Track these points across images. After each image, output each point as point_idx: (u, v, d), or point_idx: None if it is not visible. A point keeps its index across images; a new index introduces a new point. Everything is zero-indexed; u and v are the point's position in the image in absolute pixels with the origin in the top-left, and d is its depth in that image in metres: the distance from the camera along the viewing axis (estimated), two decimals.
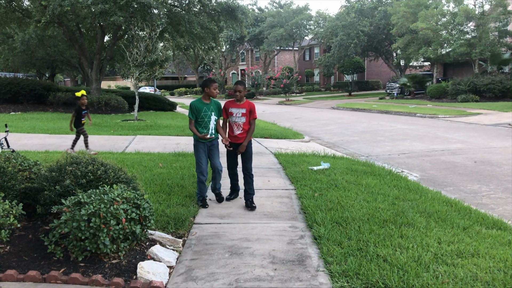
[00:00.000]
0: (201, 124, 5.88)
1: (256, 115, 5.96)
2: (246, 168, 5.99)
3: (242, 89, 5.80)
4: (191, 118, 5.87)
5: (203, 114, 5.82)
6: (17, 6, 22.79)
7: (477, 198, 7.03)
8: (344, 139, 14.50)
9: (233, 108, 5.89)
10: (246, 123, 5.89)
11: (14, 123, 15.69)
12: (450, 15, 32.20)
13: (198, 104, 5.86)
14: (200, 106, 5.83)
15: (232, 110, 5.90)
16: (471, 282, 3.64)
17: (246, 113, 5.86)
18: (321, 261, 4.15)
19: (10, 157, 5.34)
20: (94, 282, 3.63)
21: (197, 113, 5.83)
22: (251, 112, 5.90)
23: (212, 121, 5.88)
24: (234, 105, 5.91)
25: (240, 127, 5.89)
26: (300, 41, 54.30)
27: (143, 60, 18.52)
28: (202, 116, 5.83)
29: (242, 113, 5.86)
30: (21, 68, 35.01)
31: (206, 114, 5.84)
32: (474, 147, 11.88)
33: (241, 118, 5.86)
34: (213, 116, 5.89)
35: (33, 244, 4.28)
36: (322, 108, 31.20)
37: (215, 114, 5.93)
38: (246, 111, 5.87)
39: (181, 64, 73.07)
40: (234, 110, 5.89)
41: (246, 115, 5.87)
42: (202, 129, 5.87)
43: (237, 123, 5.88)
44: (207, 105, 5.85)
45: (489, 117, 19.79)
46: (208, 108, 5.84)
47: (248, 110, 5.88)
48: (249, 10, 28.71)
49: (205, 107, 5.83)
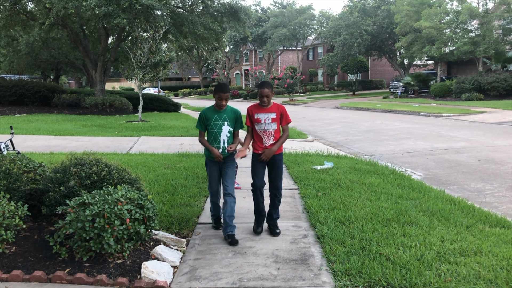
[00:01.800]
0: (209, 136, 4.88)
1: (290, 119, 4.93)
2: (276, 187, 4.95)
3: (269, 93, 4.78)
4: (200, 130, 4.92)
5: (213, 123, 4.81)
6: (21, 8, 22.92)
7: (481, 196, 7.02)
8: (347, 138, 14.50)
9: (260, 114, 4.81)
10: (278, 130, 4.89)
11: (19, 125, 15.79)
12: (453, 14, 32.10)
13: (207, 111, 4.92)
14: (209, 114, 4.86)
15: (259, 116, 4.81)
16: (474, 280, 3.65)
17: (277, 118, 4.82)
18: (324, 260, 4.17)
19: (16, 159, 5.39)
20: (99, 282, 3.67)
21: (206, 122, 4.86)
22: (282, 117, 4.86)
23: (224, 133, 4.82)
24: (261, 110, 4.84)
25: (272, 136, 4.83)
26: (303, 41, 54.29)
27: (147, 61, 18.60)
28: (211, 126, 4.82)
29: (273, 119, 4.80)
30: (26, 71, 35.18)
31: (216, 124, 4.80)
32: (478, 145, 11.85)
33: (271, 125, 4.83)
34: (226, 127, 4.81)
35: (39, 245, 4.32)
36: (326, 107, 31.18)
37: (229, 124, 4.83)
38: (277, 116, 4.83)
39: (184, 65, 73.24)
40: (262, 116, 4.80)
41: (277, 120, 4.83)
42: (211, 142, 4.85)
43: (267, 131, 4.82)
44: (218, 113, 4.83)
45: (494, 115, 19.73)
46: (219, 117, 4.81)
47: (279, 114, 4.84)
48: (252, 11, 28.74)
49: (216, 115, 4.82)
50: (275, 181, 4.95)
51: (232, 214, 4.75)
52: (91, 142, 12.00)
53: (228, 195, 4.78)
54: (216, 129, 4.80)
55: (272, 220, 5.04)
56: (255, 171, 4.90)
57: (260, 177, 4.89)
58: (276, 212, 5.04)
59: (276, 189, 4.97)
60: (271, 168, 4.92)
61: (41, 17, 20.45)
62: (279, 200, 5.01)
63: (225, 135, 4.82)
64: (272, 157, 4.83)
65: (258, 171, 4.89)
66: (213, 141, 4.83)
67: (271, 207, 5.01)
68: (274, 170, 4.91)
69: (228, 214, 4.73)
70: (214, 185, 4.99)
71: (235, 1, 23.74)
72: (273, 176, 4.94)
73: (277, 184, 4.97)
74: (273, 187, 4.96)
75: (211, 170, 4.95)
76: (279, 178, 4.95)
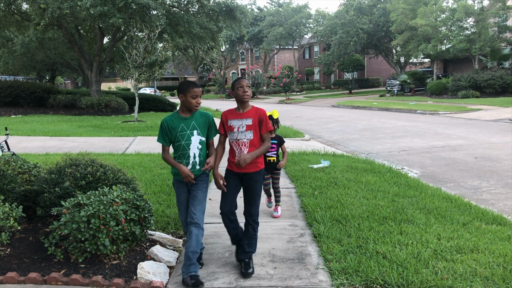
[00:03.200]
0: (176, 151, 3.87)
1: (271, 126, 4.01)
2: (249, 213, 3.99)
3: (247, 87, 3.87)
4: (163, 144, 3.89)
5: (179, 135, 3.80)
6: (16, 9, 22.85)
7: (478, 193, 7.03)
8: (344, 137, 14.50)
9: (234, 120, 3.88)
10: (256, 141, 3.87)
11: (14, 126, 15.72)
12: (449, 11, 32.18)
13: (171, 120, 3.85)
14: (173, 123, 3.83)
15: (232, 123, 3.88)
16: (470, 277, 3.65)
17: (253, 125, 3.84)
18: (321, 259, 4.16)
19: (10, 160, 5.36)
20: (95, 283, 3.65)
21: (170, 134, 3.83)
22: (261, 123, 3.87)
23: (193, 145, 3.81)
24: (235, 115, 3.91)
25: (246, 148, 3.86)
26: (299, 40, 54.34)
27: (143, 61, 18.55)
28: (177, 138, 3.81)
29: (248, 126, 3.84)
30: (21, 71, 35.09)
31: (183, 135, 3.79)
32: (474, 143, 11.87)
33: (245, 134, 3.84)
34: (196, 137, 3.82)
35: (34, 246, 4.29)
36: (323, 106, 31.20)
37: (200, 133, 3.83)
38: (254, 122, 3.85)
39: (181, 65, 73.11)
40: (235, 122, 3.87)
41: (254, 128, 3.85)
42: (179, 158, 3.86)
43: (240, 141, 3.86)
44: (185, 120, 3.82)
45: (490, 112, 19.78)
46: (186, 125, 3.80)
47: (256, 120, 3.86)
48: (248, 9, 28.71)
49: (182, 123, 3.81)
50: (249, 205, 3.99)
51: (196, 250, 3.71)
52: (87, 143, 11.96)
53: (194, 224, 3.74)
54: (184, 141, 3.79)
55: (244, 254, 3.97)
56: (224, 192, 3.95)
57: (228, 200, 3.93)
58: (251, 245, 4.00)
59: (249, 215, 3.99)
60: (245, 189, 3.98)
61: (36, 17, 20.39)
62: (255, 229, 4.00)
63: (196, 147, 3.82)
64: (247, 174, 3.89)
65: (227, 192, 3.93)
66: (181, 156, 3.83)
67: (244, 237, 4.01)
68: (249, 192, 3.96)
69: (192, 250, 3.68)
70: (184, 212, 3.97)
71: (230, 0, 23.72)
72: (246, 199, 3.99)
73: (250, 209, 3.98)
74: (246, 212, 4.02)
75: (179, 192, 3.98)
76: (253, 202, 3.96)
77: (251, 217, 4.00)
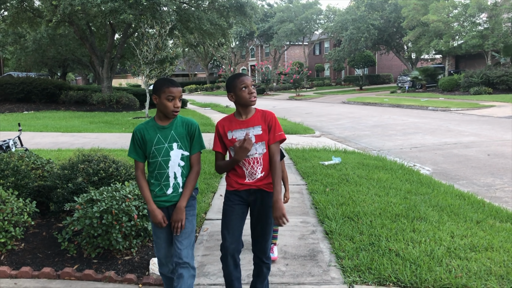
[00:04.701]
0: (152, 170, 2.98)
1: (283, 134, 3.02)
2: (262, 247, 3.09)
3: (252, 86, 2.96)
4: (136, 160, 3.00)
5: (154, 149, 2.94)
6: (28, 6, 23.04)
7: (491, 191, 6.95)
8: (355, 133, 14.43)
9: (237, 131, 2.98)
10: (267, 154, 2.99)
11: (27, 122, 15.88)
12: (461, 7, 31.80)
13: (145, 129, 2.98)
14: (148, 133, 2.96)
15: (235, 135, 2.99)
16: (485, 276, 3.61)
17: (264, 134, 2.97)
18: (333, 256, 4.14)
19: (24, 155, 5.40)
20: (107, 278, 3.67)
21: (144, 147, 2.97)
22: (270, 129, 2.97)
23: (174, 162, 2.94)
24: (237, 123, 3.01)
25: (260, 165, 2.98)
26: (310, 36, 54.10)
27: (153, 57, 18.61)
28: (153, 153, 2.94)
29: (257, 136, 2.96)
30: (33, 68, 35.43)
31: (159, 149, 2.93)
32: (487, 140, 11.74)
33: (256, 147, 2.97)
34: (177, 151, 2.95)
35: (47, 241, 4.33)
36: (333, 102, 31.06)
37: (181, 146, 2.96)
38: (264, 130, 2.97)
39: (191, 61, 73.21)
40: (239, 134, 2.98)
41: (265, 137, 2.97)
42: (155, 180, 2.96)
43: (251, 157, 2.97)
44: (162, 130, 2.95)
45: (503, 109, 19.53)
46: (164, 136, 2.94)
47: (266, 127, 2.97)
48: (258, 5, 28.66)
49: (158, 134, 2.94)
50: (262, 239, 3.07)
51: None
52: (98, 139, 12.04)
53: (183, 266, 2.90)
54: (161, 157, 2.92)
55: None
56: (227, 222, 3.04)
57: (235, 233, 3.02)
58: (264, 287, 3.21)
59: (261, 252, 3.09)
60: (257, 218, 3.06)
61: (48, 14, 20.54)
62: (268, 267, 3.15)
63: (177, 164, 2.95)
64: (260, 198, 3.01)
65: (232, 222, 3.02)
66: (158, 176, 2.95)
67: (256, 278, 3.21)
68: (262, 221, 3.04)
69: None
70: (162, 247, 3.06)
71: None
72: (258, 231, 3.07)
73: (262, 244, 3.08)
74: (258, 249, 3.09)
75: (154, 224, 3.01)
76: (266, 234, 3.06)
77: (264, 254, 3.08)
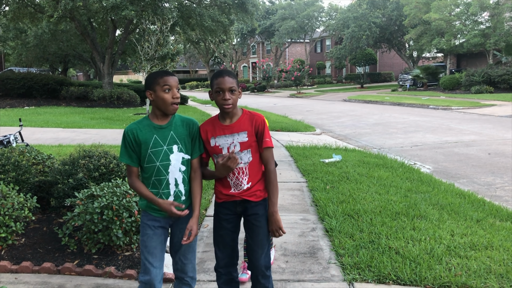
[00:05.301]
0: (148, 177, 2.65)
1: (271, 142, 2.71)
2: (257, 264, 2.76)
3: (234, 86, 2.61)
4: (129, 165, 2.66)
5: (151, 152, 2.61)
6: (30, 1, 23.03)
7: (491, 190, 6.95)
8: (356, 131, 14.42)
9: (220, 138, 2.69)
10: (257, 162, 2.72)
11: (28, 118, 15.88)
12: (463, 5, 31.73)
13: (139, 129, 2.64)
14: (143, 133, 2.63)
15: (218, 142, 2.70)
16: (484, 274, 3.61)
17: (250, 141, 2.67)
18: (333, 253, 4.15)
19: (24, 151, 5.41)
20: (108, 274, 3.68)
21: (138, 150, 2.63)
22: (260, 136, 2.68)
23: (174, 168, 2.63)
24: (220, 129, 2.70)
25: (245, 176, 2.69)
26: (311, 33, 54.01)
27: (155, 53, 18.58)
28: (149, 157, 2.61)
29: (242, 144, 2.66)
30: (34, 63, 35.40)
31: (157, 152, 2.61)
32: (488, 138, 11.73)
33: (241, 156, 2.67)
34: (177, 154, 2.64)
35: (48, 237, 4.34)
36: (334, 100, 31.03)
37: (183, 149, 2.66)
38: (250, 136, 2.67)
39: (192, 58, 73.14)
40: (221, 140, 2.69)
41: (252, 144, 2.68)
42: (153, 189, 2.64)
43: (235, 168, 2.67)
44: (159, 131, 2.63)
45: (504, 108, 19.51)
46: (161, 137, 2.62)
47: (253, 132, 2.68)
48: (260, 2, 28.63)
49: (155, 135, 2.62)
50: (255, 253, 2.76)
51: None
52: (99, 135, 12.04)
53: (185, 282, 2.77)
54: (160, 162, 2.60)
55: None
56: (217, 237, 2.82)
57: (226, 249, 2.80)
58: None
59: (257, 268, 2.76)
60: (247, 230, 2.81)
61: (49, 9, 20.52)
62: (269, 282, 2.80)
63: (178, 169, 2.63)
64: (249, 208, 2.73)
65: (222, 238, 2.79)
66: (156, 184, 2.63)
67: None
68: (254, 233, 2.76)
69: None
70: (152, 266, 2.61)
71: None
72: (250, 245, 2.79)
73: (258, 258, 2.75)
74: (253, 264, 2.78)
75: (151, 237, 2.64)
76: (261, 247, 2.75)
77: (259, 269, 2.76)
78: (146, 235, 2.65)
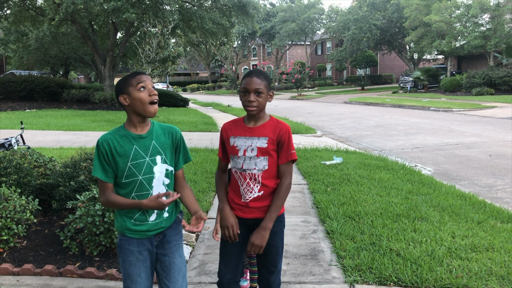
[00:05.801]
0: (127, 193, 2.36)
1: (295, 154, 2.53)
2: (269, 281, 2.68)
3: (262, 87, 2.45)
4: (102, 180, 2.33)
5: (132, 164, 2.33)
6: (31, 4, 23.09)
7: (492, 192, 6.95)
8: (357, 133, 14.43)
9: (239, 138, 2.55)
10: (273, 172, 2.54)
11: (29, 120, 15.90)
12: (464, 7, 31.76)
13: (116, 140, 2.35)
14: (121, 145, 2.34)
15: (236, 142, 2.55)
16: (485, 276, 3.61)
17: (268, 148, 2.49)
18: (334, 255, 4.15)
19: (26, 153, 5.42)
20: (109, 276, 3.68)
21: (114, 164, 2.33)
22: (281, 146, 2.51)
23: (158, 181, 2.39)
24: (241, 129, 2.57)
25: (257, 184, 2.52)
26: (312, 36, 54.08)
27: (156, 56, 18.65)
28: (128, 171, 2.33)
29: (260, 149, 2.50)
30: (35, 66, 35.48)
31: (138, 165, 2.33)
32: (489, 140, 11.73)
33: (256, 161, 2.50)
34: (160, 166, 2.39)
35: (49, 239, 4.35)
36: (335, 102, 31.05)
37: (166, 160, 2.41)
38: (270, 144, 2.50)
39: (193, 60, 73.27)
40: (240, 142, 2.54)
41: (269, 152, 2.50)
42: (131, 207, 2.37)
43: (247, 172, 2.52)
44: (139, 140, 2.36)
45: (505, 110, 19.51)
46: (142, 148, 2.36)
47: (275, 140, 2.50)
48: (261, 5, 28.69)
49: (135, 145, 2.34)
50: (267, 271, 2.66)
51: None
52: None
53: None
54: (142, 175, 2.34)
55: None
56: (223, 250, 2.68)
57: (231, 262, 2.63)
58: None
59: (268, 284, 2.69)
60: None
61: (51, 12, 20.58)
62: None
63: (161, 183, 2.40)
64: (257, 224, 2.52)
65: (228, 250, 2.64)
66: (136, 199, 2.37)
67: None
68: (266, 251, 2.54)
69: None
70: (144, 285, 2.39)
71: None
72: (261, 263, 2.68)
73: (269, 277, 2.67)
74: (263, 282, 2.70)
75: (134, 263, 2.37)
76: (273, 265, 2.64)
77: (270, 285, 2.68)
78: (128, 261, 2.36)
